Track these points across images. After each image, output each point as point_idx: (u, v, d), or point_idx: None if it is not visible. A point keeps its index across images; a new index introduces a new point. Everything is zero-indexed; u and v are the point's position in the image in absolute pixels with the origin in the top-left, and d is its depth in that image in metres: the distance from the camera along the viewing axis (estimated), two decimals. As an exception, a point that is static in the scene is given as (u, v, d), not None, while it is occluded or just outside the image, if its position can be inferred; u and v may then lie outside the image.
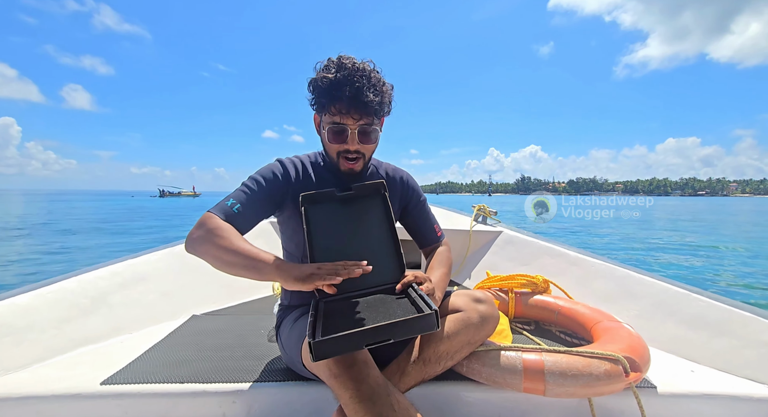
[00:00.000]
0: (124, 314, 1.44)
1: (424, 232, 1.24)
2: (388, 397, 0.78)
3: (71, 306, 1.32)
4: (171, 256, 1.84)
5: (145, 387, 1.00)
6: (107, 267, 1.56)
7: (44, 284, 1.34)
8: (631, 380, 0.98)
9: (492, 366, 1.02)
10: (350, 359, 0.80)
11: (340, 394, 0.80)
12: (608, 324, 1.25)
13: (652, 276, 1.58)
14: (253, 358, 1.19)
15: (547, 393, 0.97)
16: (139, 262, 1.69)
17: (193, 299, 1.73)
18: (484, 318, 1.01)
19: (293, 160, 1.11)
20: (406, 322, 0.74)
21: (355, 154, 1.01)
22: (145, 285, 1.61)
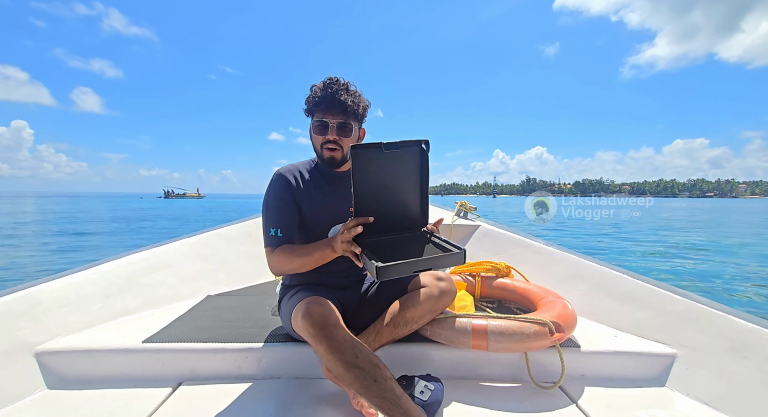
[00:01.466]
0: (151, 293, 1.73)
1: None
2: (353, 348, 1.03)
3: (110, 284, 1.61)
4: (187, 246, 2.13)
5: (178, 345, 1.29)
6: (135, 254, 1.85)
7: (88, 267, 1.62)
8: (555, 338, 1.26)
9: (448, 329, 1.30)
10: (322, 322, 1.05)
11: (317, 349, 1.05)
12: (551, 299, 1.53)
13: (597, 262, 1.86)
14: (260, 327, 1.47)
15: (489, 348, 1.26)
16: (161, 251, 1.98)
17: (208, 282, 2.02)
18: (443, 291, 1.29)
19: (290, 169, 1.32)
20: (445, 257, 1.01)
21: (334, 144, 1.24)
22: (168, 269, 1.90)
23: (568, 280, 1.89)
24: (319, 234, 1.33)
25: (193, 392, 1.21)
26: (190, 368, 1.28)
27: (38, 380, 1.20)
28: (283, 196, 1.27)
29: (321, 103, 1.22)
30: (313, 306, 1.09)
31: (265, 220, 1.28)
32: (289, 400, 1.17)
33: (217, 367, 1.29)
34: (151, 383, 1.23)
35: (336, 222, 1.34)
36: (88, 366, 1.25)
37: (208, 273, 2.07)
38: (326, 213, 1.32)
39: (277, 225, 1.25)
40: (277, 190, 1.29)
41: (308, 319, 1.06)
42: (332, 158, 1.27)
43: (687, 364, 1.28)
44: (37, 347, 1.25)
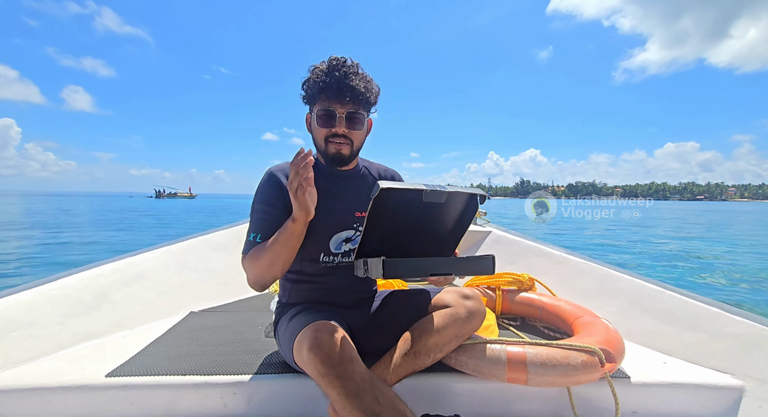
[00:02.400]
0: (124, 310, 1.49)
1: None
2: (373, 391, 0.83)
3: (74, 302, 1.36)
4: (168, 254, 1.88)
5: (149, 379, 1.05)
6: (107, 265, 1.60)
7: (46, 281, 1.37)
8: (606, 370, 1.06)
9: (478, 358, 1.09)
10: (336, 358, 0.84)
11: (328, 392, 0.85)
12: (588, 319, 1.33)
13: (630, 274, 1.67)
14: (252, 352, 1.24)
15: (529, 382, 1.05)
16: (138, 260, 1.73)
17: (191, 296, 1.77)
18: (471, 313, 1.08)
19: (284, 168, 1.13)
20: (469, 260, 0.82)
21: (342, 138, 1.06)
22: (144, 282, 1.66)
23: (597, 294, 1.69)
24: (320, 244, 1.13)
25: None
26: (165, 408, 1.05)
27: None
28: (270, 200, 1.08)
29: (327, 89, 1.03)
30: (323, 335, 0.87)
31: (249, 223, 1.10)
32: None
33: (199, 406, 1.06)
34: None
35: (339, 229, 1.13)
36: (37, 408, 1.01)
37: (191, 285, 1.83)
38: (327, 219, 1.11)
39: (257, 231, 1.06)
40: (265, 192, 1.09)
41: (317, 354, 0.84)
42: (339, 154, 1.09)
43: (760, 400, 1.08)
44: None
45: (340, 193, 1.14)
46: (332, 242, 1.13)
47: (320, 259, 1.14)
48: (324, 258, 1.14)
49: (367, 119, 1.12)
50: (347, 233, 1.14)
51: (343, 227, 1.14)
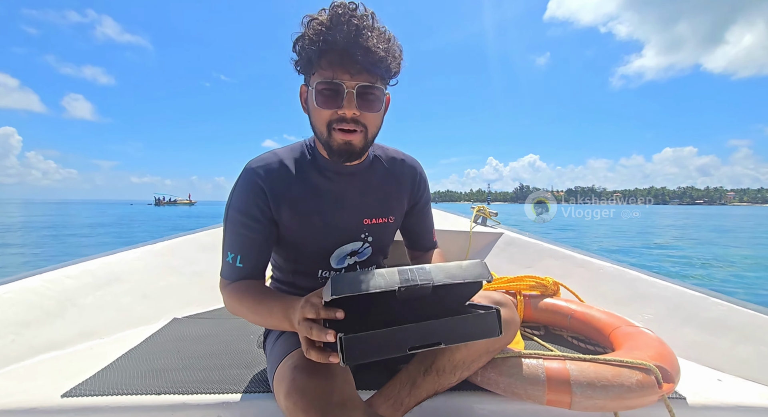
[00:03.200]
0: (94, 317, 1.29)
1: (422, 235, 1.10)
2: None
3: (32, 308, 1.17)
4: (150, 255, 1.69)
5: (113, 399, 0.87)
6: (77, 265, 1.41)
7: (1, 283, 1.18)
8: (664, 392, 0.89)
9: (511, 375, 0.91)
10: (322, 405, 0.64)
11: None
12: (627, 329, 1.16)
13: (665, 279, 1.51)
14: (241, 366, 1.06)
15: (573, 406, 0.87)
16: (114, 261, 1.54)
17: (175, 301, 1.58)
18: (505, 323, 0.91)
19: (267, 162, 0.88)
20: (465, 321, 0.61)
21: (353, 123, 0.78)
22: (121, 285, 1.46)
23: (628, 301, 1.53)
24: (320, 260, 0.94)
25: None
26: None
27: None
28: (249, 211, 0.85)
29: (330, 52, 0.74)
30: (302, 376, 0.68)
31: (223, 237, 0.88)
32: None
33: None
34: None
35: (343, 242, 0.94)
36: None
37: (175, 289, 1.63)
38: (329, 231, 0.91)
39: (236, 251, 0.85)
40: (242, 198, 0.86)
41: (297, 402, 0.65)
42: (348, 146, 0.81)
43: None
44: None
45: (346, 197, 0.92)
46: (334, 257, 0.94)
47: (318, 275, 0.96)
48: (323, 274, 0.96)
49: (386, 95, 0.83)
50: (353, 246, 0.95)
51: (348, 239, 0.94)
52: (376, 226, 0.96)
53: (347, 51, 0.73)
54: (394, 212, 0.99)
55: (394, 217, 0.99)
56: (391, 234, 1.02)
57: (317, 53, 0.75)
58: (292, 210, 0.87)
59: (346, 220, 0.92)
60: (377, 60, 0.75)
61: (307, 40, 0.75)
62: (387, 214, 0.98)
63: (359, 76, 0.76)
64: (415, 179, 1.04)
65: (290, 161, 0.90)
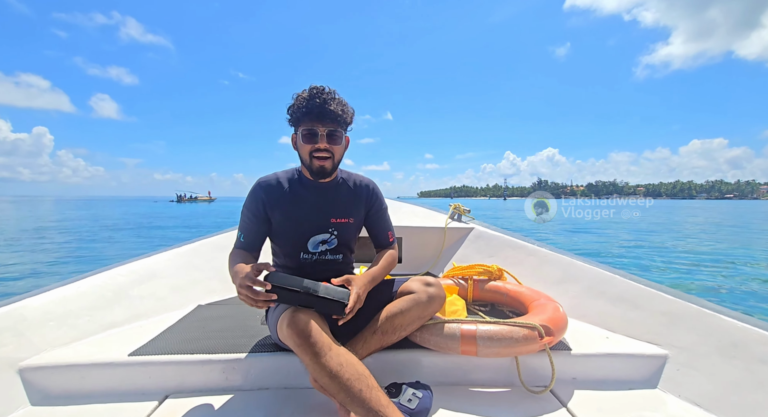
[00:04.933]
0: (140, 304, 1.71)
1: (378, 235, 1.49)
2: (338, 357, 1.02)
3: (98, 297, 1.59)
4: (177, 256, 2.12)
5: (164, 357, 1.27)
6: (125, 265, 1.84)
7: (76, 280, 1.61)
8: (545, 343, 1.25)
9: (437, 335, 1.29)
10: (307, 332, 1.04)
11: (302, 358, 1.04)
12: (542, 301, 1.51)
13: (591, 262, 1.85)
14: (249, 336, 1.45)
15: (478, 353, 1.24)
16: (151, 261, 1.96)
17: (199, 291, 2.00)
18: (432, 297, 1.28)
19: (269, 180, 1.35)
20: (325, 301, 1.10)
21: (325, 152, 1.26)
22: (157, 280, 1.89)
23: (560, 281, 1.88)
24: (299, 245, 1.35)
25: (179, 405, 1.19)
26: (177, 381, 1.27)
27: (21, 397, 1.18)
28: (252, 209, 1.33)
29: (309, 113, 1.23)
30: (298, 315, 1.08)
31: (239, 222, 1.37)
32: (277, 411, 1.15)
33: (204, 379, 1.28)
34: (137, 397, 1.22)
35: (315, 233, 1.35)
36: (72, 381, 1.24)
37: (199, 282, 2.06)
38: (305, 225, 1.34)
39: (243, 231, 1.34)
40: (250, 201, 1.34)
41: (293, 328, 1.05)
42: (322, 167, 1.28)
43: (678, 365, 1.26)
44: (20, 363, 1.23)
45: (318, 202, 1.35)
46: (309, 243, 1.35)
47: (300, 256, 1.36)
48: (303, 255, 1.36)
49: (345, 137, 1.32)
50: (323, 236, 1.36)
51: (319, 231, 1.35)
52: (340, 223, 1.38)
53: (320, 112, 1.23)
54: (353, 215, 1.41)
55: (354, 218, 1.41)
56: (352, 230, 1.42)
57: (302, 114, 1.24)
58: (281, 211, 1.32)
59: (318, 218, 1.35)
60: (336, 116, 1.24)
61: (296, 107, 1.25)
62: (348, 216, 1.39)
63: (327, 125, 1.24)
64: (368, 194, 1.46)
65: (284, 180, 1.36)
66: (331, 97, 1.25)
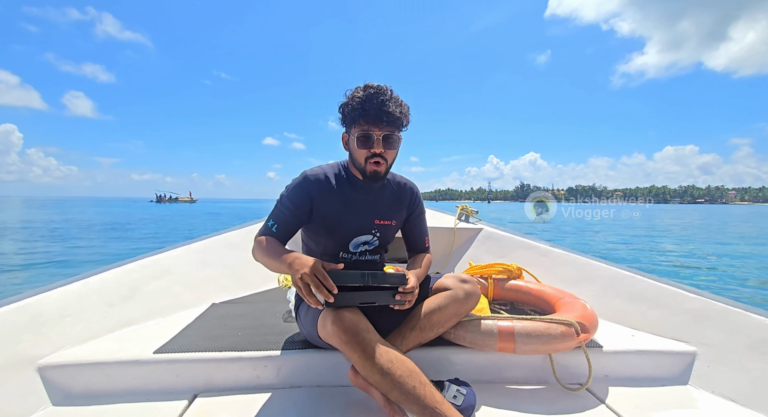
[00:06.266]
0: (156, 301, 1.65)
1: (416, 240, 1.46)
2: (387, 354, 1.01)
3: (113, 293, 1.52)
4: (189, 252, 2.05)
5: (192, 355, 1.22)
6: (136, 261, 1.76)
7: (86, 276, 1.53)
8: (581, 339, 1.26)
9: (473, 332, 1.28)
10: (354, 328, 1.01)
11: (350, 356, 1.02)
12: (568, 300, 1.53)
13: (606, 262, 1.88)
14: (276, 333, 1.41)
15: (516, 350, 1.24)
16: (162, 258, 1.89)
17: (212, 289, 1.94)
18: (468, 294, 1.27)
19: (317, 173, 1.26)
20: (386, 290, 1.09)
21: (380, 157, 1.19)
22: (171, 277, 1.82)
23: (577, 281, 1.90)
24: (341, 244, 1.30)
25: (211, 404, 1.14)
26: (205, 379, 1.22)
27: (42, 396, 1.11)
28: (296, 201, 1.24)
29: (366, 115, 1.15)
30: (343, 312, 1.05)
31: (272, 210, 1.27)
32: (314, 410, 1.12)
33: (235, 377, 1.23)
34: (166, 396, 1.16)
35: (359, 234, 1.31)
36: (96, 379, 1.17)
37: (211, 280, 1.99)
38: (351, 225, 1.28)
39: (276, 220, 1.24)
40: (295, 193, 1.25)
41: (339, 326, 1.02)
42: (376, 173, 1.21)
43: (708, 361, 1.29)
44: (39, 361, 1.16)
45: (365, 204, 1.29)
46: (352, 244, 1.31)
47: (340, 255, 1.31)
48: (343, 255, 1.32)
49: (400, 138, 1.24)
50: (365, 237, 1.32)
51: (363, 232, 1.30)
52: (383, 226, 1.34)
53: (377, 114, 1.14)
54: (395, 217, 1.37)
55: (396, 221, 1.37)
56: (392, 233, 1.40)
57: (358, 115, 1.16)
58: (329, 209, 1.25)
59: (363, 219, 1.30)
60: (395, 119, 1.17)
61: (350, 107, 1.17)
62: (391, 219, 1.35)
63: (384, 128, 1.17)
64: (411, 197, 1.42)
65: (332, 176, 1.28)
66: (389, 97, 1.15)
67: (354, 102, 1.16)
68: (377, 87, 1.16)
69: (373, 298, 1.06)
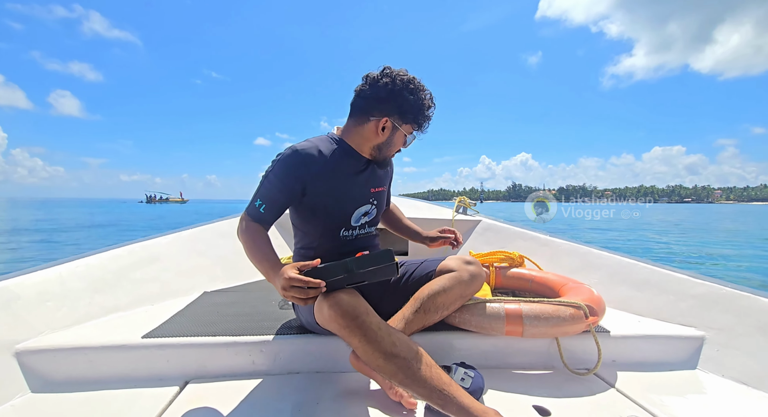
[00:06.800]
0: (144, 288, 1.57)
1: (388, 199, 1.56)
2: (390, 336, 0.95)
3: (98, 279, 1.44)
4: (180, 240, 1.96)
5: (184, 339, 1.15)
6: (123, 247, 1.68)
7: (70, 260, 1.44)
8: (590, 322, 1.22)
9: (479, 315, 1.23)
10: (353, 312, 0.94)
11: (350, 341, 0.95)
12: (573, 285, 1.49)
13: (608, 251, 1.86)
14: (271, 320, 1.35)
15: (524, 334, 1.20)
16: (151, 244, 1.81)
17: (204, 278, 1.86)
18: (473, 276, 1.23)
19: (308, 148, 1.16)
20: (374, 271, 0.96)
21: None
22: (160, 264, 1.74)
23: (580, 269, 1.87)
24: (343, 220, 1.24)
25: (203, 390, 1.07)
26: (198, 365, 1.15)
27: (20, 383, 1.03)
28: (286, 178, 1.14)
29: (423, 122, 1.23)
30: (340, 295, 0.98)
31: (258, 189, 1.17)
32: (313, 395, 1.06)
33: (229, 363, 1.17)
34: (155, 382, 1.09)
35: (359, 205, 1.26)
36: (80, 365, 1.09)
37: (203, 269, 1.91)
38: (351, 197, 1.23)
39: (264, 200, 1.14)
40: (285, 167, 1.14)
41: (337, 310, 0.95)
42: (390, 160, 1.36)
43: (717, 345, 1.27)
44: (17, 346, 1.08)
45: (359, 174, 1.25)
46: (354, 217, 1.25)
47: (341, 234, 1.25)
48: (344, 232, 1.25)
49: None
50: (365, 208, 1.27)
51: (363, 202, 1.26)
52: (377, 193, 1.32)
53: (427, 125, 1.25)
54: (384, 183, 1.38)
55: (384, 186, 1.38)
56: (384, 199, 1.40)
57: (419, 118, 1.21)
58: (326, 184, 1.18)
59: (361, 189, 1.25)
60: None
61: (416, 108, 1.19)
62: (383, 184, 1.36)
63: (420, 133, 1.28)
64: (391, 166, 1.45)
65: (324, 149, 1.20)
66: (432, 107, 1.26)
67: (424, 107, 1.20)
68: (431, 97, 1.23)
69: (362, 278, 0.97)
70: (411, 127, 1.23)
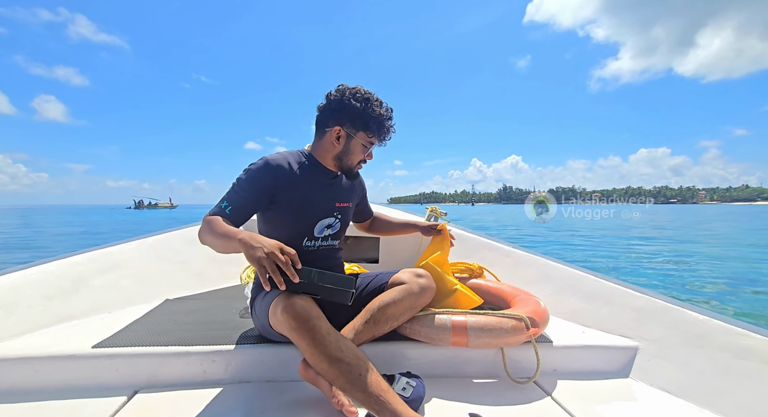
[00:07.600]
0: (101, 296, 1.56)
1: (366, 209, 1.67)
2: (337, 342, 1.00)
3: (53, 286, 1.43)
4: (144, 246, 1.96)
5: (135, 349, 1.17)
6: (83, 254, 1.67)
7: (26, 267, 1.44)
8: (531, 333, 1.29)
9: (428, 326, 1.28)
10: (305, 315, 0.99)
11: (299, 344, 1.00)
12: (523, 297, 1.56)
13: (563, 263, 1.94)
14: (228, 329, 1.37)
15: (469, 344, 1.26)
16: (114, 251, 1.80)
17: (166, 285, 1.86)
18: (423, 288, 1.28)
19: (279, 159, 1.23)
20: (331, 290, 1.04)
21: (365, 162, 1.36)
22: (121, 271, 1.73)
23: (536, 280, 1.95)
24: (306, 230, 1.30)
25: (152, 400, 1.09)
26: (148, 374, 1.16)
27: (-40, 393, 1.03)
28: (255, 184, 1.19)
29: (380, 131, 1.28)
30: (294, 299, 1.03)
31: (227, 193, 1.20)
32: (260, 405, 1.09)
33: (180, 373, 1.18)
34: (103, 392, 1.10)
35: (323, 217, 1.31)
36: (23, 375, 1.10)
37: (166, 275, 1.92)
38: (315, 208, 1.29)
39: (231, 203, 1.17)
40: (256, 176, 1.20)
41: (289, 312, 1.00)
42: (358, 173, 1.41)
43: (648, 355, 1.35)
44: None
45: (326, 188, 1.32)
46: (317, 228, 1.31)
47: (303, 244, 1.29)
48: (307, 242, 1.30)
49: None
50: (329, 220, 1.33)
51: (327, 215, 1.32)
52: (343, 208, 1.38)
53: (386, 133, 1.31)
54: (351, 200, 1.44)
55: (351, 203, 1.44)
56: (350, 214, 1.46)
57: (375, 127, 1.26)
58: (294, 193, 1.24)
59: (327, 202, 1.32)
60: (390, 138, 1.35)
61: (369, 116, 1.24)
62: (348, 201, 1.41)
63: (380, 143, 1.34)
64: (361, 181, 1.53)
65: (294, 163, 1.28)
66: (392, 121, 1.32)
67: (374, 114, 1.24)
68: (389, 109, 1.30)
69: (317, 291, 1.03)
70: (366, 135, 1.27)
